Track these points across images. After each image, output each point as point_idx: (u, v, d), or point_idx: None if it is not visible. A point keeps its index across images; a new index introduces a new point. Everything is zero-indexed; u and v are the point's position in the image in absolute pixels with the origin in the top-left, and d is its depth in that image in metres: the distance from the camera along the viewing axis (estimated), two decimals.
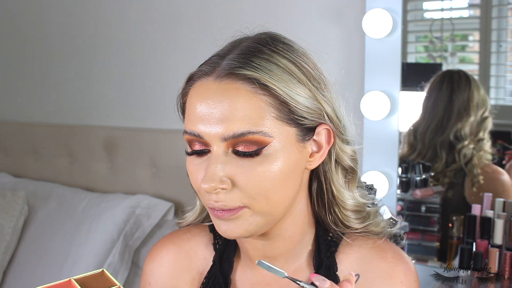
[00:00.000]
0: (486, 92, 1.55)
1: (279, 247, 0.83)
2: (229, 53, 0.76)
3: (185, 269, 0.91)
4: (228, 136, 0.72)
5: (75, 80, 2.19)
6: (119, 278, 1.71)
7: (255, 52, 0.75)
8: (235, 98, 0.72)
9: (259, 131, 0.72)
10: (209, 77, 0.75)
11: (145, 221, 1.78)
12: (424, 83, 1.59)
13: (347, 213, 0.83)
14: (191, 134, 0.75)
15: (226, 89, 0.73)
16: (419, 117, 1.61)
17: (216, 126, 0.72)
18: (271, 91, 0.73)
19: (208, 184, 0.72)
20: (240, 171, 0.73)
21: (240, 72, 0.73)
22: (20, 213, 1.95)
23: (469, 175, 1.55)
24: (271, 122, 0.73)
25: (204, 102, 0.73)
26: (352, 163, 0.84)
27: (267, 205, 0.75)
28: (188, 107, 0.77)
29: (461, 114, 1.56)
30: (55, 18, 2.21)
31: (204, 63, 0.78)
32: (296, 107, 0.74)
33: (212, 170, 0.73)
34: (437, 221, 1.58)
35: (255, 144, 0.72)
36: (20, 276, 1.88)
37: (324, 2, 1.65)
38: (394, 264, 0.83)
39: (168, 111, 0.90)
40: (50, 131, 2.19)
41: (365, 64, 1.52)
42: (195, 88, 0.76)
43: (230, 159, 0.73)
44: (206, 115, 0.73)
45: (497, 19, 1.54)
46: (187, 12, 1.91)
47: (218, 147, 0.73)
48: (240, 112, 0.72)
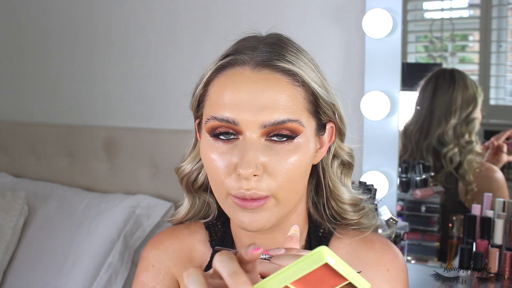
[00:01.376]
0: (477, 92, 1.52)
1: (278, 242, 0.84)
2: (256, 47, 0.79)
3: (187, 260, 0.92)
4: (269, 123, 0.74)
5: (75, 80, 2.19)
6: (119, 278, 1.71)
7: (284, 48, 0.79)
8: (276, 88, 0.75)
9: (296, 119, 0.76)
10: (245, 66, 0.77)
11: (145, 221, 1.78)
12: (419, 82, 1.58)
13: (344, 206, 0.86)
14: (223, 120, 0.75)
15: (267, 79, 0.76)
16: (410, 117, 1.60)
17: (256, 113, 0.74)
18: (305, 85, 0.77)
19: (247, 169, 0.73)
20: (273, 158, 0.75)
21: (279, 64, 0.76)
22: (20, 213, 1.95)
23: (461, 181, 1.54)
24: (303, 113, 0.77)
25: (241, 90, 0.75)
26: (350, 158, 0.89)
27: (288, 194, 0.78)
28: (216, 95, 0.78)
29: (441, 117, 1.54)
30: (55, 18, 2.21)
31: (233, 54, 0.79)
32: (322, 102, 0.80)
33: (251, 155, 0.74)
34: (437, 221, 1.58)
35: (290, 132, 0.76)
36: (20, 276, 1.88)
37: (324, 2, 1.65)
38: (381, 253, 0.85)
39: (169, 111, 0.90)
40: (50, 131, 2.19)
41: (365, 64, 1.52)
42: (226, 76, 0.78)
43: (263, 146, 0.75)
44: (244, 102, 0.75)
45: (497, 19, 1.54)
46: (188, 12, 1.91)
47: (253, 134, 0.75)
48: (281, 101, 0.75)
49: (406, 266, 0.87)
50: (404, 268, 0.86)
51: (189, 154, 0.92)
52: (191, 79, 0.86)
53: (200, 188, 0.93)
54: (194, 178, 0.92)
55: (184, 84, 0.90)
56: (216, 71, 0.79)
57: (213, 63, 0.81)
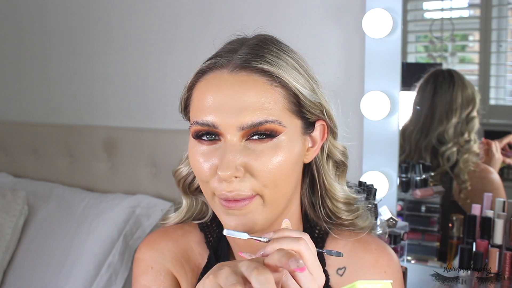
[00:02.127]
0: (475, 91, 1.52)
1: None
2: (238, 49, 0.79)
3: (184, 260, 0.92)
4: (246, 125, 0.75)
5: (75, 80, 2.19)
6: (119, 278, 1.71)
7: (265, 49, 0.79)
8: (253, 90, 0.76)
9: (275, 120, 0.76)
10: (223, 70, 0.78)
11: (145, 221, 1.78)
12: (415, 83, 1.58)
13: (338, 205, 0.87)
14: (204, 124, 0.77)
15: (244, 81, 0.76)
16: (408, 118, 1.60)
17: (234, 116, 0.75)
18: (285, 84, 0.77)
19: (226, 171, 0.74)
20: (254, 158, 0.75)
21: (256, 65, 0.77)
22: (20, 213, 1.95)
23: (455, 180, 1.54)
24: (284, 113, 0.77)
25: (220, 93, 0.76)
26: (343, 157, 0.89)
27: (275, 193, 0.78)
28: (198, 99, 0.79)
29: (443, 116, 1.54)
30: (55, 18, 2.21)
31: (214, 57, 0.80)
32: (304, 101, 0.79)
33: (230, 158, 0.74)
34: (437, 221, 1.58)
35: (270, 132, 0.76)
36: (20, 276, 1.88)
37: (324, 2, 1.65)
38: (377, 255, 0.86)
39: (168, 111, 0.91)
40: (50, 131, 2.19)
41: (365, 64, 1.52)
42: (207, 80, 0.78)
43: (244, 147, 0.76)
44: (223, 105, 0.75)
45: (497, 19, 1.54)
46: (187, 12, 1.91)
47: (233, 136, 0.75)
48: (258, 103, 0.75)
49: (400, 267, 0.89)
50: (399, 268, 0.88)
51: (186, 157, 0.93)
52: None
53: (197, 190, 0.93)
54: (190, 180, 0.93)
55: (184, 84, 0.90)
56: (198, 75, 0.80)
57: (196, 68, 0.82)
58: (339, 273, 0.86)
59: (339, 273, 0.86)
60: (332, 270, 0.86)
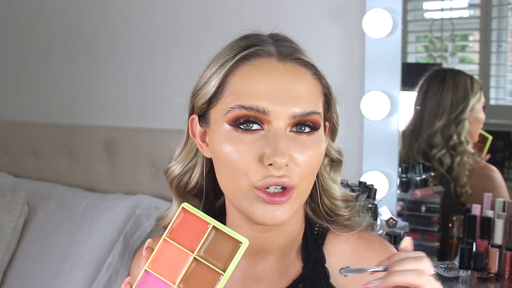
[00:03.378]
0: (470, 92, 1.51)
1: (279, 240, 0.84)
2: (271, 41, 0.80)
3: None
4: (298, 114, 0.75)
5: (75, 80, 2.19)
6: (119, 278, 1.71)
7: (296, 45, 0.81)
8: (303, 80, 0.77)
9: (319, 111, 0.78)
10: (271, 58, 0.78)
11: (145, 221, 1.78)
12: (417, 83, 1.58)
13: (336, 203, 0.87)
14: (253, 108, 0.75)
15: (294, 71, 0.77)
16: (408, 119, 1.60)
17: (286, 104, 0.75)
18: (323, 80, 0.80)
19: (283, 158, 0.73)
20: (300, 149, 0.76)
21: (302, 57, 0.78)
22: (20, 213, 1.95)
23: (455, 184, 1.54)
24: (322, 107, 0.80)
25: (270, 80, 0.76)
26: (339, 155, 0.89)
27: (307, 187, 0.79)
28: (242, 84, 0.76)
29: (431, 119, 1.54)
30: (55, 18, 2.21)
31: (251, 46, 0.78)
32: (331, 98, 0.82)
33: (284, 145, 0.74)
34: (437, 221, 1.58)
35: (314, 124, 0.77)
36: (20, 276, 1.88)
37: (324, 2, 1.65)
38: (381, 254, 0.85)
39: (168, 111, 0.90)
40: (50, 131, 2.19)
41: (365, 64, 1.52)
42: (253, 66, 0.77)
43: (290, 137, 0.76)
44: (275, 93, 0.75)
45: (497, 19, 1.54)
46: (187, 12, 1.91)
47: (283, 124, 0.75)
48: (308, 93, 0.77)
49: None
50: None
51: (180, 152, 0.88)
52: (191, 79, 0.86)
53: (192, 191, 0.88)
54: (186, 180, 0.87)
55: (184, 84, 0.90)
56: (239, 60, 0.78)
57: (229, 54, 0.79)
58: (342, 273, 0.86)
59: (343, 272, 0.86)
60: (335, 270, 0.85)
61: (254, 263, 0.86)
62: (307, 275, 0.83)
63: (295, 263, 0.86)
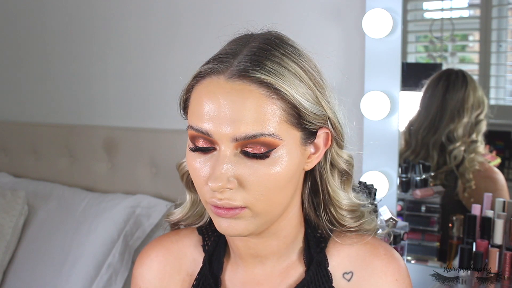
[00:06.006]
0: (484, 94, 1.53)
1: (272, 246, 0.84)
2: (238, 52, 0.76)
3: (174, 271, 0.91)
4: (240, 137, 0.72)
5: (75, 80, 2.19)
6: (119, 278, 1.71)
7: (267, 54, 0.75)
8: (249, 100, 0.72)
9: (270, 133, 0.73)
10: (220, 76, 0.74)
11: (145, 221, 1.78)
12: (423, 81, 1.59)
13: (342, 213, 0.85)
14: (198, 131, 0.74)
15: (240, 90, 0.73)
16: (415, 114, 1.60)
17: (228, 126, 0.72)
18: (284, 96, 0.73)
19: (216, 183, 0.72)
20: (248, 172, 0.73)
21: (254, 75, 0.73)
22: (20, 213, 1.95)
23: (460, 178, 1.54)
24: (281, 126, 0.74)
25: (215, 101, 0.73)
26: (348, 167, 0.86)
27: (267, 206, 0.76)
28: (194, 103, 0.76)
29: (454, 115, 1.55)
30: (54, 18, 2.21)
31: (213, 61, 0.77)
32: (305, 113, 0.76)
33: (221, 169, 0.72)
34: (437, 221, 1.58)
35: (265, 146, 0.73)
36: (20, 276, 1.88)
37: (324, 2, 1.65)
38: (387, 261, 0.84)
39: (169, 111, 0.90)
40: (50, 131, 2.19)
41: (365, 64, 1.52)
42: (203, 85, 0.75)
43: (238, 159, 0.73)
44: (217, 114, 0.73)
45: (497, 19, 1.54)
46: (187, 11, 1.91)
47: (226, 147, 0.73)
48: (253, 114, 0.72)
49: (407, 270, 0.87)
50: (408, 273, 0.86)
51: None
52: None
53: None
54: None
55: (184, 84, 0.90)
56: (196, 79, 0.77)
57: (200, 68, 0.79)
58: (346, 278, 0.84)
59: (346, 277, 0.84)
60: (338, 273, 0.84)
61: (252, 267, 0.86)
62: (310, 279, 0.83)
63: (296, 266, 0.85)
